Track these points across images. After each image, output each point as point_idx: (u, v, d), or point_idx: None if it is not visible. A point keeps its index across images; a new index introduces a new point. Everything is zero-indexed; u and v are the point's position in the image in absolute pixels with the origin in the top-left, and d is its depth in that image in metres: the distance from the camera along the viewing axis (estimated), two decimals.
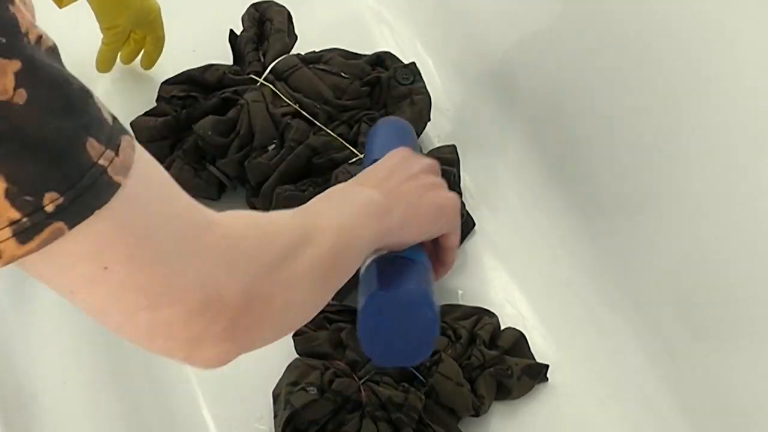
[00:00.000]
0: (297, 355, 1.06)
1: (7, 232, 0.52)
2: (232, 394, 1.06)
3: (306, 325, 1.07)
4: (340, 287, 0.75)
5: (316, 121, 1.19)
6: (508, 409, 1.07)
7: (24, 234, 0.52)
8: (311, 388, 0.99)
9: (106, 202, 0.54)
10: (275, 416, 1.01)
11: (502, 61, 1.34)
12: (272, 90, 1.22)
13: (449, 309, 1.11)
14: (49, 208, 0.52)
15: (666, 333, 1.08)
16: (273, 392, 1.03)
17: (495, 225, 1.23)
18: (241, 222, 0.67)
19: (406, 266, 0.85)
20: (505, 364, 1.06)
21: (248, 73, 1.24)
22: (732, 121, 1.02)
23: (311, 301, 0.72)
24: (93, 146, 0.53)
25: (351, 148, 1.17)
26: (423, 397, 1.01)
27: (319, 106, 1.21)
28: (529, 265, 1.19)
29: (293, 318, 0.72)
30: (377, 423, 0.98)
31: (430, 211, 0.86)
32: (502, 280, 1.18)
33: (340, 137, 1.18)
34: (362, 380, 1.01)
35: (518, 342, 1.09)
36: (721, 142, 1.03)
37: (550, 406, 1.07)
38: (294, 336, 1.06)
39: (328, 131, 1.18)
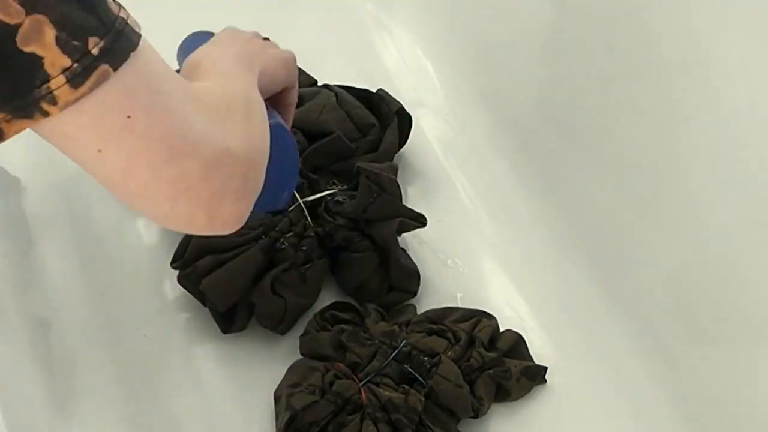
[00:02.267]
0: (298, 357, 1.07)
1: (61, 79, 0.56)
2: (234, 396, 1.07)
3: (311, 326, 1.09)
4: None
5: None
6: (507, 410, 1.07)
7: (76, 79, 0.56)
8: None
9: (135, 47, 0.59)
10: (276, 417, 1.02)
11: (501, 66, 1.34)
12: None
13: (448, 311, 1.12)
14: (95, 51, 0.57)
15: (663, 335, 1.09)
16: (274, 394, 1.04)
17: (494, 229, 1.24)
18: (208, 92, 0.72)
19: None
20: (504, 366, 1.07)
21: None
22: (729, 122, 1.03)
23: (267, 147, 0.77)
24: (111, 3, 0.59)
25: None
26: (423, 398, 1.01)
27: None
28: (527, 268, 1.20)
29: (265, 166, 0.76)
30: (377, 424, 0.99)
31: (276, 63, 0.91)
32: (501, 283, 1.19)
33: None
34: (363, 382, 1.02)
35: (517, 344, 1.10)
36: (719, 144, 1.04)
37: (549, 407, 1.08)
38: (301, 336, 1.08)
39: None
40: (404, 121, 1.27)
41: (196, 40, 1.03)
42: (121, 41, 0.58)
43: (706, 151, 1.04)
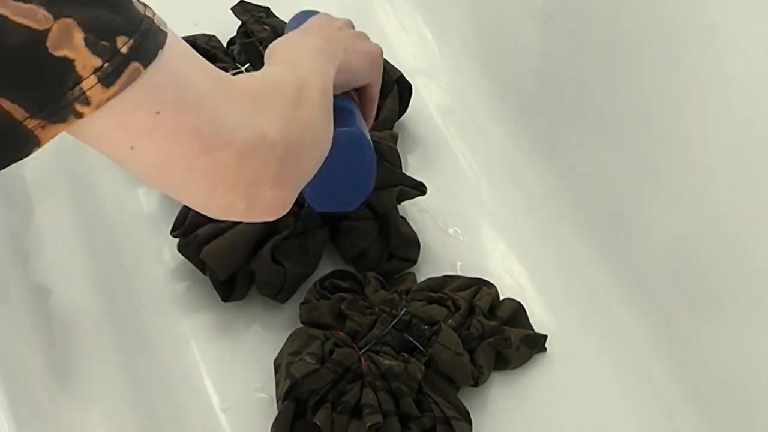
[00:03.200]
0: (298, 326, 1.07)
1: (93, 79, 0.57)
2: (234, 364, 1.07)
3: (311, 294, 1.09)
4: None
5: None
6: (507, 378, 1.08)
7: (108, 78, 0.57)
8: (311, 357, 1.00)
9: (163, 45, 0.60)
10: (276, 385, 1.02)
11: (501, 34, 1.34)
12: None
13: (448, 280, 1.12)
14: (124, 50, 0.57)
15: (663, 304, 1.09)
16: (274, 362, 1.04)
17: (493, 197, 1.24)
18: (250, 80, 0.75)
19: (341, 112, 0.89)
20: (504, 334, 1.07)
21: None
22: (731, 90, 1.02)
23: (323, 137, 0.79)
24: (137, 3, 0.60)
25: None
26: (423, 367, 1.01)
27: None
28: (527, 236, 1.20)
29: (318, 155, 0.78)
30: (377, 392, 0.99)
31: (361, 57, 0.95)
32: (500, 252, 1.19)
33: None
34: (362, 350, 1.02)
35: (517, 312, 1.10)
36: (721, 112, 1.03)
37: (549, 375, 1.08)
38: (301, 304, 1.08)
39: None
40: (404, 89, 1.27)
41: (300, 19, 1.03)
42: (149, 39, 0.59)
43: (708, 118, 1.04)
